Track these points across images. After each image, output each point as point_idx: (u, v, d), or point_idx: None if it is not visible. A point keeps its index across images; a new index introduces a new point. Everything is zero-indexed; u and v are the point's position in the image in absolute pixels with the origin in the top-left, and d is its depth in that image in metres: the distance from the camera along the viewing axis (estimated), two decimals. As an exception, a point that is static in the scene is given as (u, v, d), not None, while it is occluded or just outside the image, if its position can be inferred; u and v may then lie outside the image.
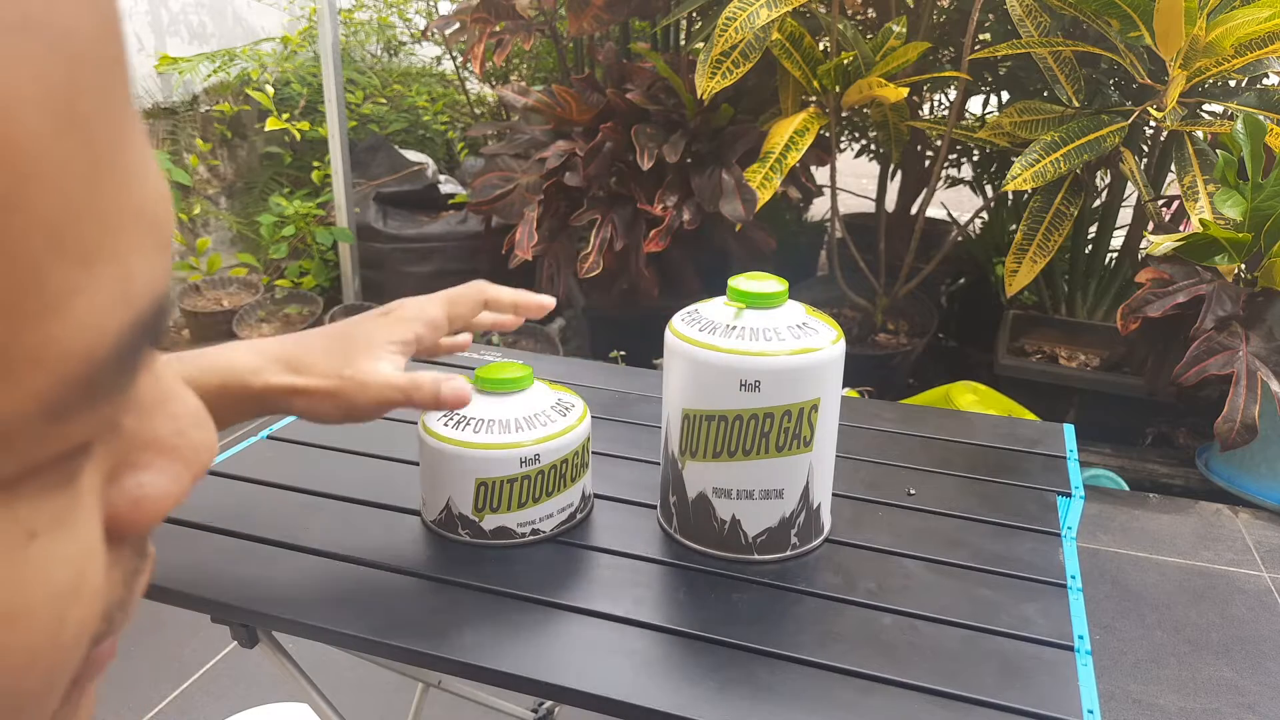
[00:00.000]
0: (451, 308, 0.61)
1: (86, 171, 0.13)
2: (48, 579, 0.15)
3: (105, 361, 0.14)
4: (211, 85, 3.11)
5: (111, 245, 0.14)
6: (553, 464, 0.61)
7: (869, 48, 2.09)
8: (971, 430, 0.82)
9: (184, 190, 2.91)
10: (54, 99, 0.12)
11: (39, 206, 0.12)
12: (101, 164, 0.13)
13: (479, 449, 0.59)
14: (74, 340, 0.13)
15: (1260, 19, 1.76)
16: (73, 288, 0.13)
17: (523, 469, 0.60)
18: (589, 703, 0.49)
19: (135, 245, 0.14)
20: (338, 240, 2.74)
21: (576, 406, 0.64)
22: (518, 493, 0.60)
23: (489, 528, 0.61)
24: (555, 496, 0.62)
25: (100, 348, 0.14)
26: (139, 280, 0.14)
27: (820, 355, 0.56)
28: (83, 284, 0.13)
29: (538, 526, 0.62)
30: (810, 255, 3.24)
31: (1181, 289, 1.82)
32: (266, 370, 0.56)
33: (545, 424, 0.60)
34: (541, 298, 0.64)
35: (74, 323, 0.13)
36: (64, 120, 0.13)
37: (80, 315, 0.13)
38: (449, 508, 0.62)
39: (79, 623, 0.16)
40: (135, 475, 0.17)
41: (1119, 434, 2.25)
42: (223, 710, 1.29)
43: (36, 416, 0.13)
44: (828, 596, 0.57)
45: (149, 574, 0.19)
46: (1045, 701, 0.49)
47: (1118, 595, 1.73)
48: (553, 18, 2.55)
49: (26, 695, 0.15)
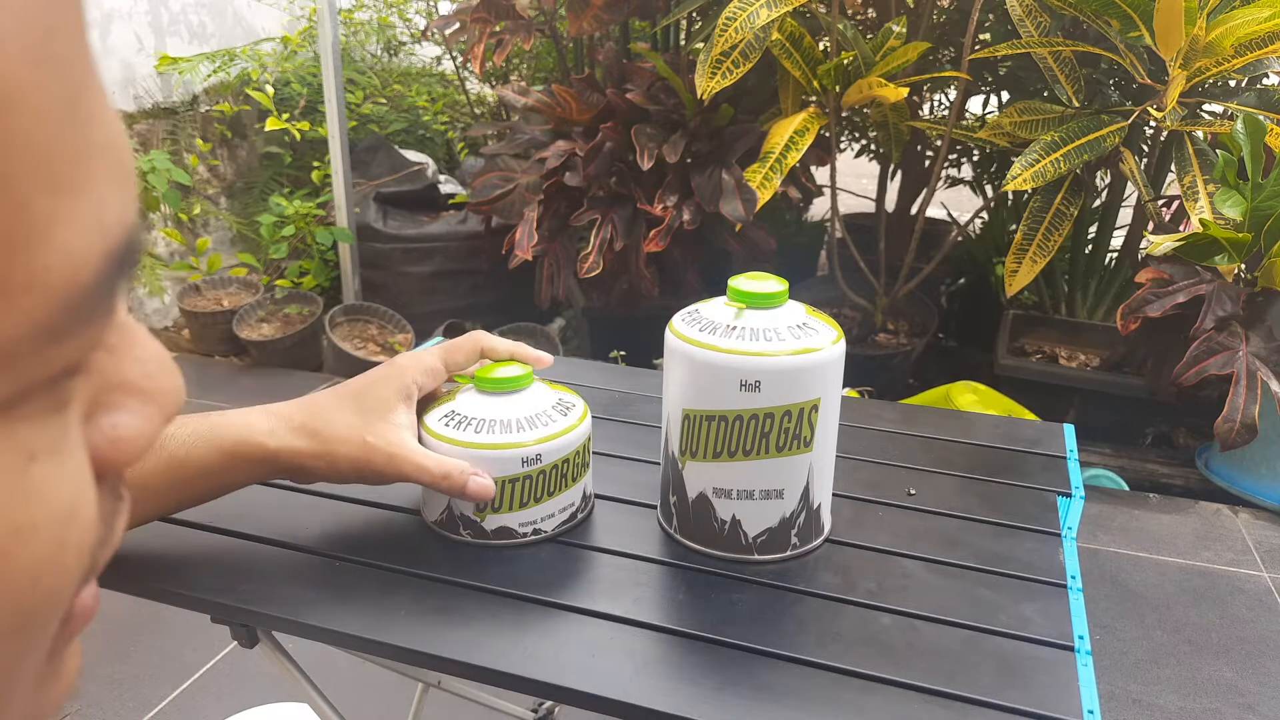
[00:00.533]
0: (449, 357, 0.63)
1: (62, 104, 0.14)
2: (48, 499, 0.15)
3: (89, 287, 0.15)
4: (211, 85, 3.11)
5: (85, 176, 0.14)
6: (554, 464, 0.61)
7: (869, 48, 2.09)
8: (971, 430, 0.82)
9: (184, 190, 2.91)
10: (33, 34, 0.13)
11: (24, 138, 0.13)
12: (74, 97, 0.14)
13: (481, 449, 0.59)
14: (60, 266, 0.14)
15: (1260, 19, 1.76)
16: (55, 216, 0.14)
17: (525, 469, 0.60)
18: (589, 703, 0.49)
19: (105, 177, 0.15)
20: (338, 240, 2.74)
21: (577, 406, 0.64)
22: (519, 493, 0.60)
23: (490, 528, 0.61)
24: (557, 496, 0.62)
25: (84, 273, 0.14)
26: (111, 210, 0.15)
27: (820, 355, 0.56)
28: (63, 213, 0.14)
29: (539, 526, 0.62)
30: (810, 255, 3.25)
31: (1181, 289, 1.82)
32: (283, 433, 0.57)
33: (547, 424, 0.61)
34: (540, 354, 0.66)
35: (59, 250, 0.14)
36: (42, 54, 0.13)
37: (64, 242, 0.14)
38: (450, 509, 0.62)
39: (77, 547, 0.16)
40: (110, 415, 0.18)
41: (1119, 434, 2.25)
42: (223, 710, 1.29)
43: (32, 338, 0.14)
44: (828, 596, 0.57)
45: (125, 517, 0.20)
46: (1045, 701, 0.49)
47: (1118, 595, 1.73)
48: (553, 18, 2.55)
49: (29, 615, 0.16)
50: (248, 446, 0.56)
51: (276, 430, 0.56)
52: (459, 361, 0.63)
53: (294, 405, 0.58)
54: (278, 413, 0.57)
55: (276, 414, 0.57)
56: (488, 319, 2.68)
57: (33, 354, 0.14)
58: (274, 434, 0.56)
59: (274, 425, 0.57)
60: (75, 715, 1.37)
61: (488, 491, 0.58)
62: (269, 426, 0.56)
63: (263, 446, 0.56)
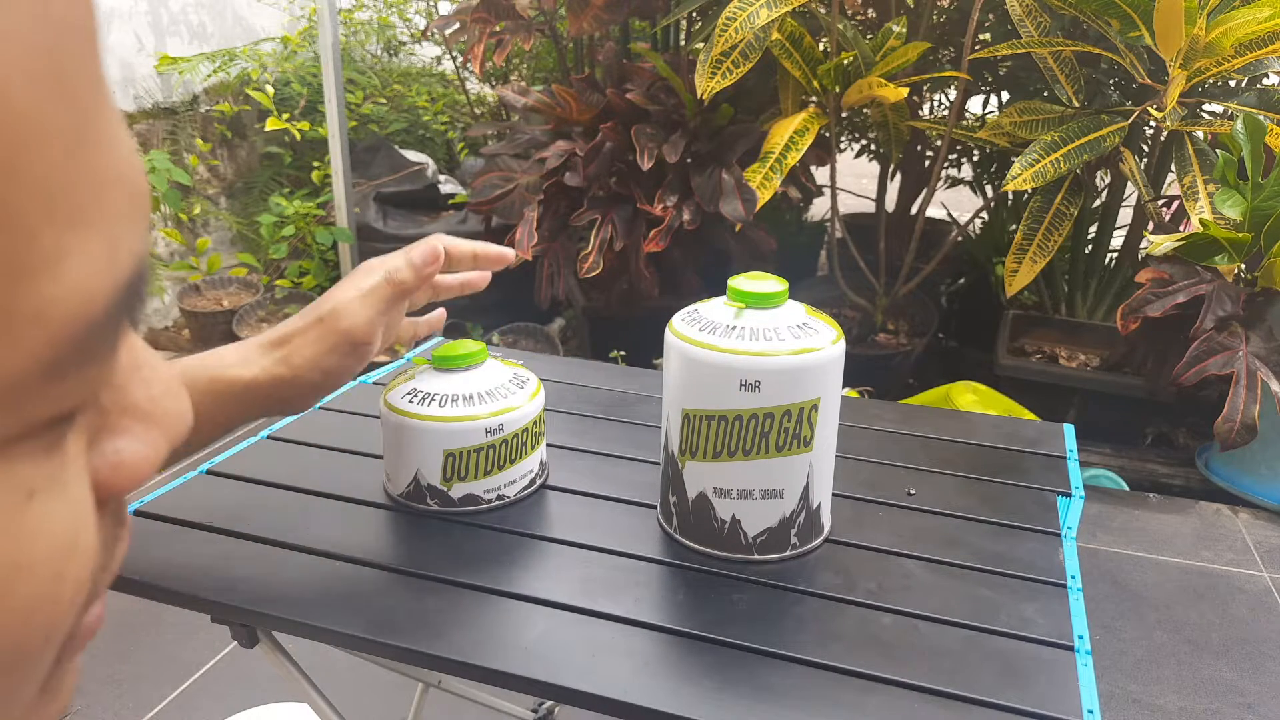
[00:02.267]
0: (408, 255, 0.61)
1: (73, 137, 0.14)
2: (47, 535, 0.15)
3: (96, 323, 0.14)
4: (211, 85, 3.11)
5: (96, 210, 0.14)
6: (515, 433, 0.65)
7: (869, 48, 2.09)
8: (971, 430, 0.82)
9: (184, 190, 2.91)
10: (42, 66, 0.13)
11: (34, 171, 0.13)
12: (86, 129, 0.14)
13: (446, 422, 0.63)
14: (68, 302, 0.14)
15: (1260, 19, 1.76)
16: (64, 251, 0.13)
17: (488, 439, 0.64)
18: (589, 703, 0.49)
19: (118, 210, 0.15)
20: (338, 240, 2.74)
21: (531, 380, 0.68)
22: (483, 461, 0.64)
23: (457, 496, 0.65)
24: (518, 464, 0.66)
25: (91, 310, 0.14)
26: (123, 245, 0.15)
27: (820, 355, 0.56)
28: (73, 247, 0.14)
29: (503, 492, 0.66)
30: (810, 255, 3.25)
31: (1181, 289, 1.82)
32: (253, 357, 0.56)
33: (505, 396, 0.65)
34: (502, 249, 0.66)
35: (67, 285, 0.14)
36: (52, 87, 0.13)
37: (72, 278, 0.14)
38: (417, 480, 0.65)
39: (76, 580, 0.16)
40: (113, 440, 0.18)
41: (1119, 434, 2.25)
42: (223, 710, 1.29)
43: (36, 375, 0.14)
44: (828, 596, 0.57)
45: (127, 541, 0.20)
46: (1045, 701, 0.49)
47: (1118, 595, 1.73)
48: (553, 18, 2.55)
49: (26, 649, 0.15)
50: (223, 381, 0.55)
51: (248, 356, 0.56)
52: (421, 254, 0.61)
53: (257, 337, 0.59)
54: (247, 341, 0.58)
55: (247, 343, 0.58)
56: (488, 318, 2.68)
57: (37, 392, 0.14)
58: (246, 361, 0.56)
59: (245, 353, 0.57)
60: (75, 715, 1.37)
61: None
62: (240, 356, 0.56)
63: (238, 378, 0.55)
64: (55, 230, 0.13)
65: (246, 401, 0.56)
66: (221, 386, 0.55)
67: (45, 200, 0.13)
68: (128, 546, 0.20)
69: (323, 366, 0.57)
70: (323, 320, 0.57)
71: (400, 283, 0.60)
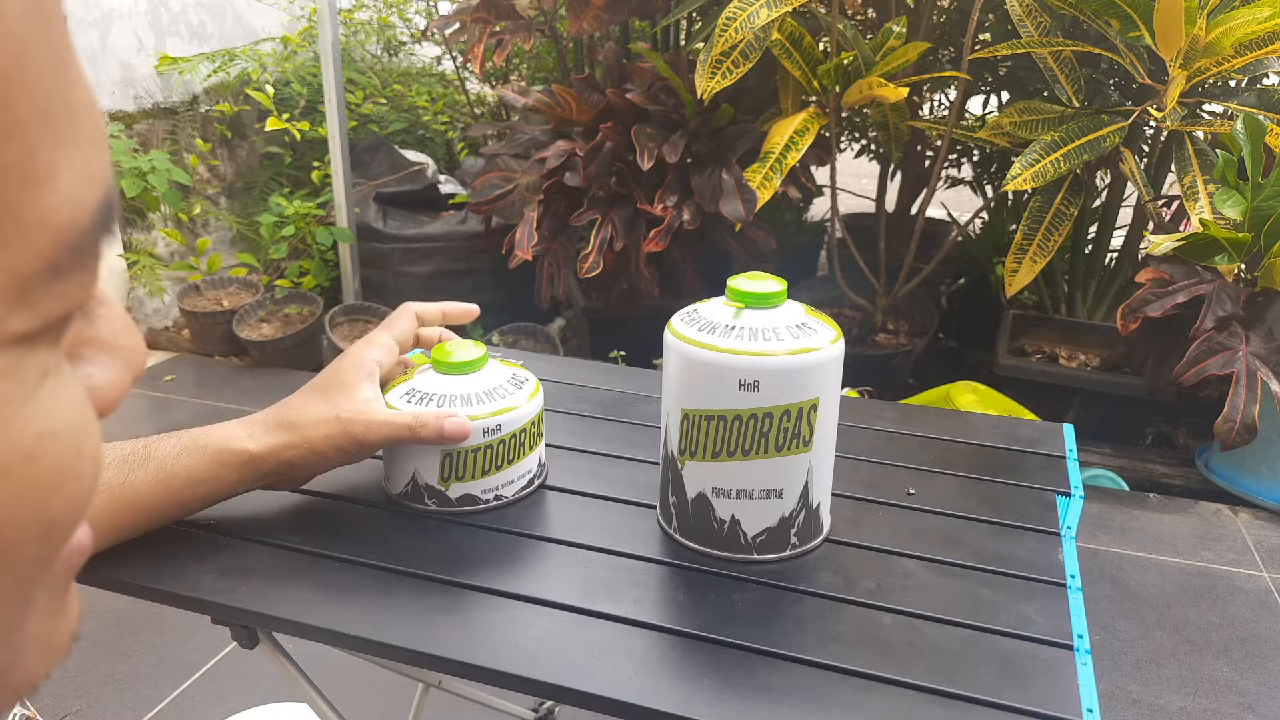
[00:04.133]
0: (393, 329, 0.67)
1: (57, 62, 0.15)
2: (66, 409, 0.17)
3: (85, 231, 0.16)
4: (211, 85, 3.12)
5: (75, 131, 0.16)
6: (513, 434, 0.65)
7: (869, 48, 2.09)
8: (971, 430, 0.82)
9: (184, 190, 2.91)
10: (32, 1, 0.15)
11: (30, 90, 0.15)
12: (64, 57, 0.16)
13: None
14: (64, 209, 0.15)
15: (1260, 19, 1.76)
16: (56, 164, 0.15)
17: (486, 439, 0.64)
18: (589, 703, 0.49)
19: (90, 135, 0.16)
20: (338, 240, 2.74)
21: (530, 381, 0.68)
22: (481, 461, 0.64)
23: (455, 496, 0.65)
24: (516, 464, 0.66)
25: (81, 218, 0.16)
26: (97, 165, 0.17)
27: (820, 355, 0.56)
28: (62, 162, 0.15)
29: (500, 493, 0.66)
30: (810, 255, 3.25)
31: (1181, 289, 1.82)
32: (260, 434, 0.60)
33: (504, 396, 0.65)
34: (467, 306, 0.71)
35: (62, 195, 0.15)
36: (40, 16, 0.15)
37: (65, 189, 0.15)
38: (415, 480, 0.65)
39: (92, 457, 0.18)
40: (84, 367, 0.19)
41: (1119, 434, 2.25)
42: (223, 710, 1.29)
43: (44, 272, 0.15)
44: (827, 596, 0.57)
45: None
46: (1045, 701, 0.49)
47: (1118, 595, 1.73)
48: (553, 18, 2.55)
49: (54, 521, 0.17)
50: (230, 452, 0.58)
51: (255, 433, 0.60)
52: (403, 329, 0.68)
53: (266, 410, 0.62)
54: (252, 419, 0.61)
55: (251, 420, 0.61)
56: (488, 319, 2.68)
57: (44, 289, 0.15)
58: (253, 437, 0.59)
59: (251, 430, 0.60)
60: (75, 715, 1.37)
61: (465, 429, 0.62)
62: (247, 431, 0.60)
63: (245, 450, 0.59)
64: (50, 145, 0.15)
65: (247, 474, 0.59)
66: (228, 457, 0.58)
67: (42, 117, 0.15)
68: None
69: (329, 458, 0.61)
70: (340, 420, 0.60)
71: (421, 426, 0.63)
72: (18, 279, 0.15)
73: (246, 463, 0.59)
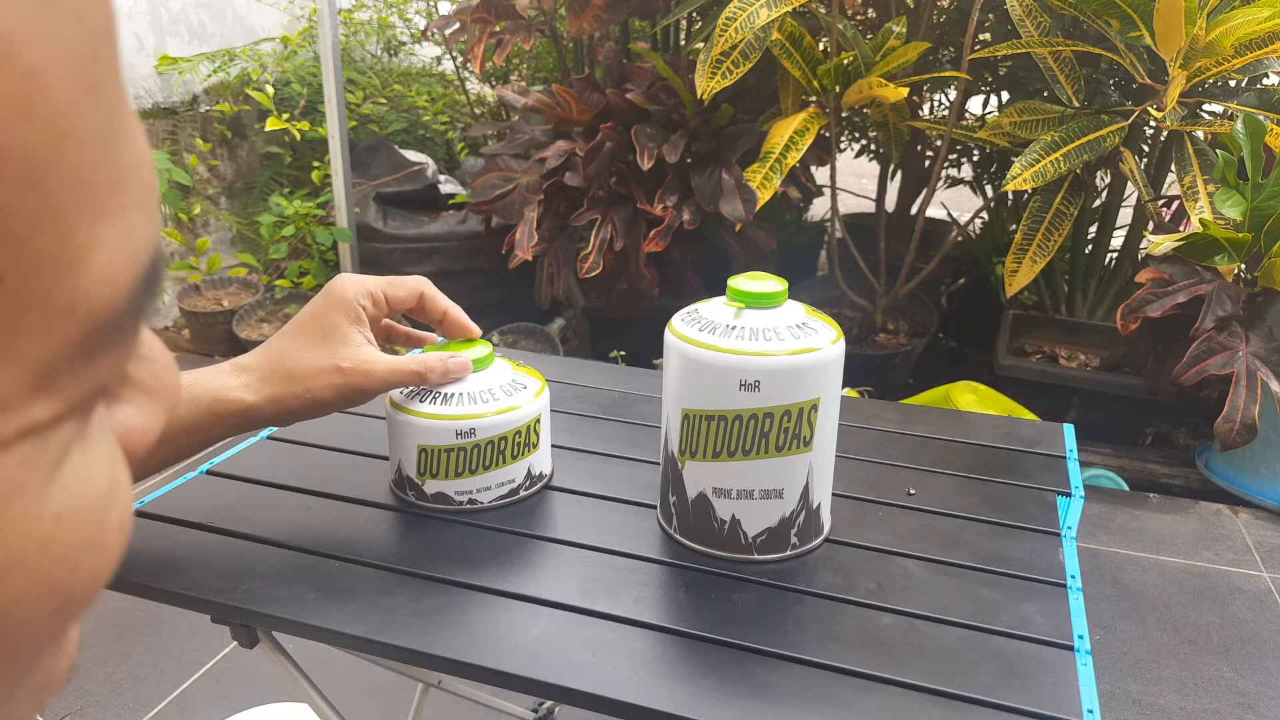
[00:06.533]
0: (390, 289, 0.64)
1: (102, 131, 0.14)
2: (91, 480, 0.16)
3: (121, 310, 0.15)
4: (211, 85, 3.11)
5: (120, 200, 0.15)
6: (489, 439, 0.64)
7: (869, 48, 2.09)
8: (971, 430, 0.82)
9: (184, 190, 2.91)
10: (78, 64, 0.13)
11: (72, 166, 0.13)
12: (111, 124, 0.15)
13: (420, 418, 0.63)
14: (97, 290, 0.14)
15: (1260, 19, 1.76)
16: (94, 242, 0.14)
17: (458, 440, 0.63)
18: (589, 703, 0.49)
19: (136, 200, 0.15)
20: (338, 240, 2.74)
21: (530, 388, 0.67)
22: (454, 462, 0.64)
23: (429, 492, 0.65)
24: (492, 471, 0.65)
25: (117, 297, 0.15)
26: (141, 233, 0.16)
27: (820, 355, 0.56)
28: (101, 238, 0.14)
29: (474, 497, 0.66)
30: (810, 255, 3.25)
31: (1181, 289, 1.82)
32: (257, 385, 0.58)
33: (487, 401, 0.64)
34: (470, 325, 0.68)
35: (95, 277, 0.14)
36: (86, 83, 0.14)
37: (100, 269, 0.14)
38: (400, 469, 0.66)
39: (119, 526, 0.17)
40: (121, 409, 0.19)
41: (1119, 434, 2.25)
42: (223, 710, 1.29)
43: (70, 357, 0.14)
44: (828, 596, 0.57)
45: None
46: (1045, 701, 0.49)
47: (1118, 595, 1.73)
48: (553, 18, 2.55)
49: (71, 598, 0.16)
50: (225, 403, 0.57)
51: (250, 383, 0.58)
52: (400, 297, 0.65)
53: (257, 356, 0.60)
54: (245, 366, 0.59)
55: (245, 367, 0.59)
56: (488, 319, 2.68)
57: (71, 374, 0.15)
58: (249, 387, 0.58)
59: (247, 380, 0.58)
60: (75, 715, 1.37)
61: (467, 366, 0.64)
62: (241, 381, 0.58)
63: (241, 400, 0.58)
64: (87, 223, 0.14)
65: (242, 423, 0.59)
66: (223, 407, 0.57)
67: (80, 194, 0.14)
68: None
69: (334, 405, 0.60)
70: (343, 371, 0.59)
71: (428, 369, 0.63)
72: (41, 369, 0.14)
73: (243, 413, 0.58)
